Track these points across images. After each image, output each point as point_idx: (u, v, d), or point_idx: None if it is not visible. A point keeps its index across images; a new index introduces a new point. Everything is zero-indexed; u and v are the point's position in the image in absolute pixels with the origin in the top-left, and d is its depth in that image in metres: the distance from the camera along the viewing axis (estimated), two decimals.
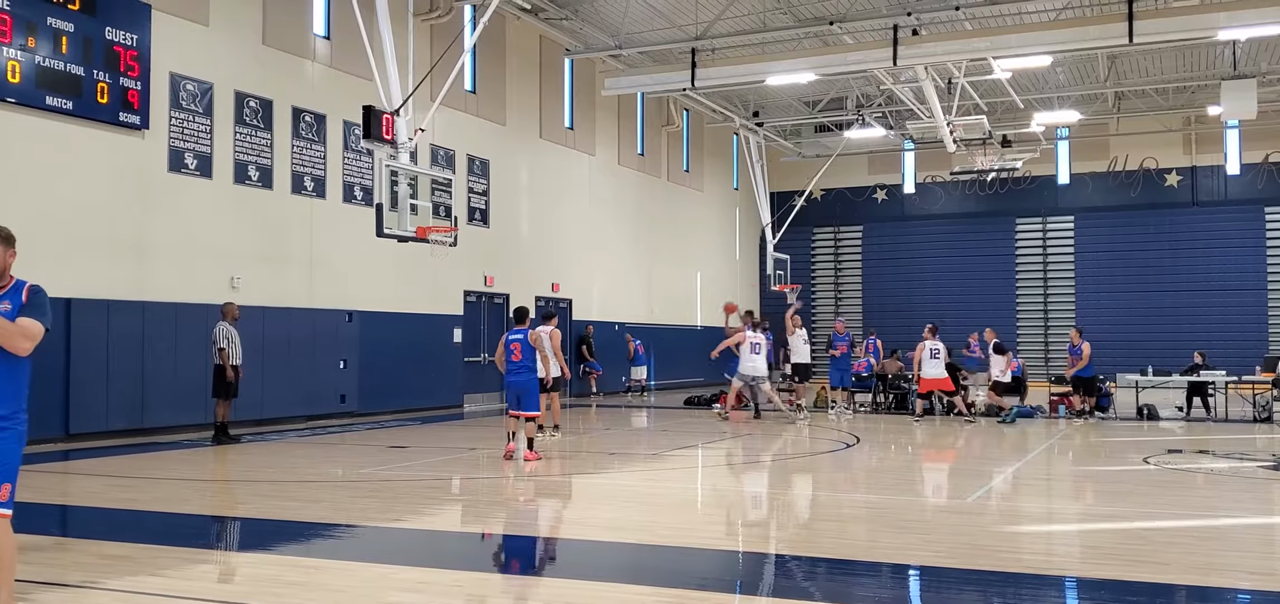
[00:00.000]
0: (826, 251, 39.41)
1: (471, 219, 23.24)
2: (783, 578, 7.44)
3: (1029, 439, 16.78)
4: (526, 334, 13.56)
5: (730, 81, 24.73)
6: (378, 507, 10.08)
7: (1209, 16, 19.11)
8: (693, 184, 34.52)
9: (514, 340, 13.49)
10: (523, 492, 11.44)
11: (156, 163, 16.51)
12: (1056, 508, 10.80)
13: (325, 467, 13.00)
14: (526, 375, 13.39)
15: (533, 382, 13.50)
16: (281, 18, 18.77)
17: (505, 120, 24.70)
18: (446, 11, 21.58)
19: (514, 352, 13.43)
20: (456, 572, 7.35)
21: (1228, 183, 34.34)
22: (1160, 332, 32.32)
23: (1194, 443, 16.15)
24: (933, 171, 36.97)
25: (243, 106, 17.96)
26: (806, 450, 15.38)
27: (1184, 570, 7.27)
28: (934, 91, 24.87)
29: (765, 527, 9.65)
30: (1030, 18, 22.58)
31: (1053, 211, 36.37)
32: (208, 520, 9.57)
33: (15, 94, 14.39)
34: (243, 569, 7.45)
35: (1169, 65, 28.73)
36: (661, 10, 23.71)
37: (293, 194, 18.89)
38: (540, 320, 16.51)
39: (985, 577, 7.12)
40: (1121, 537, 8.53)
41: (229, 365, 15.30)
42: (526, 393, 13.40)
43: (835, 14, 22.44)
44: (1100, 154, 35.42)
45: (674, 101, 31.99)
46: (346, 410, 19.63)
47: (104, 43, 15.50)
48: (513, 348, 13.44)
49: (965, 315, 35.51)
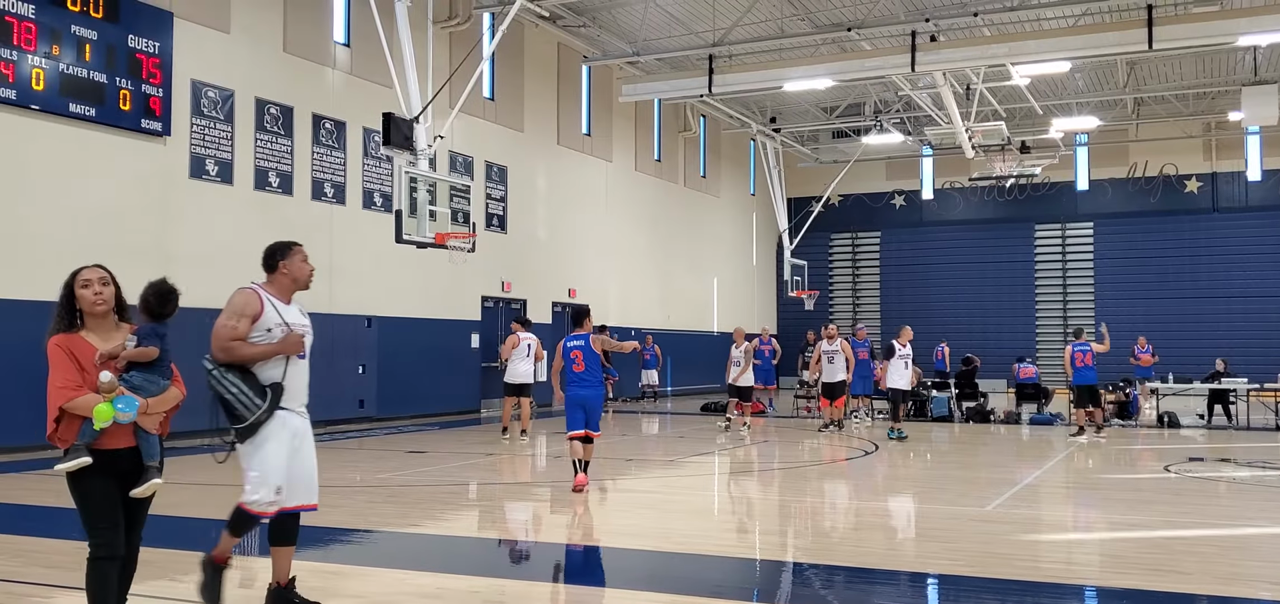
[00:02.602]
0: (844, 257, 39.31)
1: (489, 225, 23.30)
2: (800, 586, 7.43)
3: (1050, 447, 16.69)
4: (588, 339, 11.65)
5: (747, 88, 24.74)
6: (396, 512, 10.11)
7: (1229, 22, 19.00)
8: (710, 190, 34.51)
9: (574, 347, 11.58)
10: (539, 498, 11.45)
11: (178, 169, 16.62)
12: (1076, 516, 10.75)
13: (343, 472, 13.05)
14: (593, 389, 11.58)
15: (599, 396, 11.75)
16: (302, 25, 18.88)
17: (523, 127, 24.76)
18: (465, 19, 21.66)
19: (575, 360, 11.54)
20: (474, 578, 7.37)
21: (1249, 189, 34.09)
22: (1181, 339, 32.07)
23: (1216, 451, 16.04)
24: (951, 177, 36.87)
25: (263, 113, 18.07)
26: (824, 458, 15.35)
27: (1206, 580, 7.22)
28: (952, 97, 24.80)
29: (782, 534, 9.64)
30: (1049, 24, 22.49)
31: (1072, 218, 36.18)
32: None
33: (39, 101, 14.53)
34: (262, 574, 7.48)
35: (1189, 71, 28.57)
36: (679, 17, 23.73)
37: (313, 200, 18.98)
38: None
39: (1004, 586, 7.09)
40: (1142, 545, 8.48)
41: None
42: (594, 410, 11.59)
43: (853, 20, 22.41)
44: (1120, 160, 35.23)
45: (691, 108, 31.99)
46: (365, 415, 19.70)
47: (127, 50, 15.62)
48: (573, 356, 11.56)
49: (984, 322, 35.45)
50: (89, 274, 4.92)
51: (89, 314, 4.90)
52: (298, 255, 5.91)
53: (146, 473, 4.94)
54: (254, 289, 5.77)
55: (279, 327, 5.68)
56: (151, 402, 4.91)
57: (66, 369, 4.74)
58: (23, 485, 11.50)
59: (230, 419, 5.56)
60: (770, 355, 24.53)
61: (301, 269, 5.88)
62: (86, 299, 4.87)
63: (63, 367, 4.74)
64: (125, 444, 4.89)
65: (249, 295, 5.72)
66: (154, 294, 5.16)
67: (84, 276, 4.91)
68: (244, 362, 5.59)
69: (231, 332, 5.58)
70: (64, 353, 4.77)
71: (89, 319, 4.91)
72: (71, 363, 4.75)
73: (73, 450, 4.75)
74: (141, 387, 4.90)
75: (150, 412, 4.90)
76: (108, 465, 4.83)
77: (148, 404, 4.88)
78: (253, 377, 5.59)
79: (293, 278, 5.86)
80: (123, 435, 4.86)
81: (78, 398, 4.71)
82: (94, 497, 4.84)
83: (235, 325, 5.59)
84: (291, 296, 5.89)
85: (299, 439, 5.78)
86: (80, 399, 4.71)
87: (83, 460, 4.73)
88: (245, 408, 5.53)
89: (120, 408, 4.72)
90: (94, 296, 4.88)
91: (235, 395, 5.52)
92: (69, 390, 4.71)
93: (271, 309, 5.71)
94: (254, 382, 5.58)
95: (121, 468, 4.89)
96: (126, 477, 4.91)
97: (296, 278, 5.88)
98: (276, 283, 5.86)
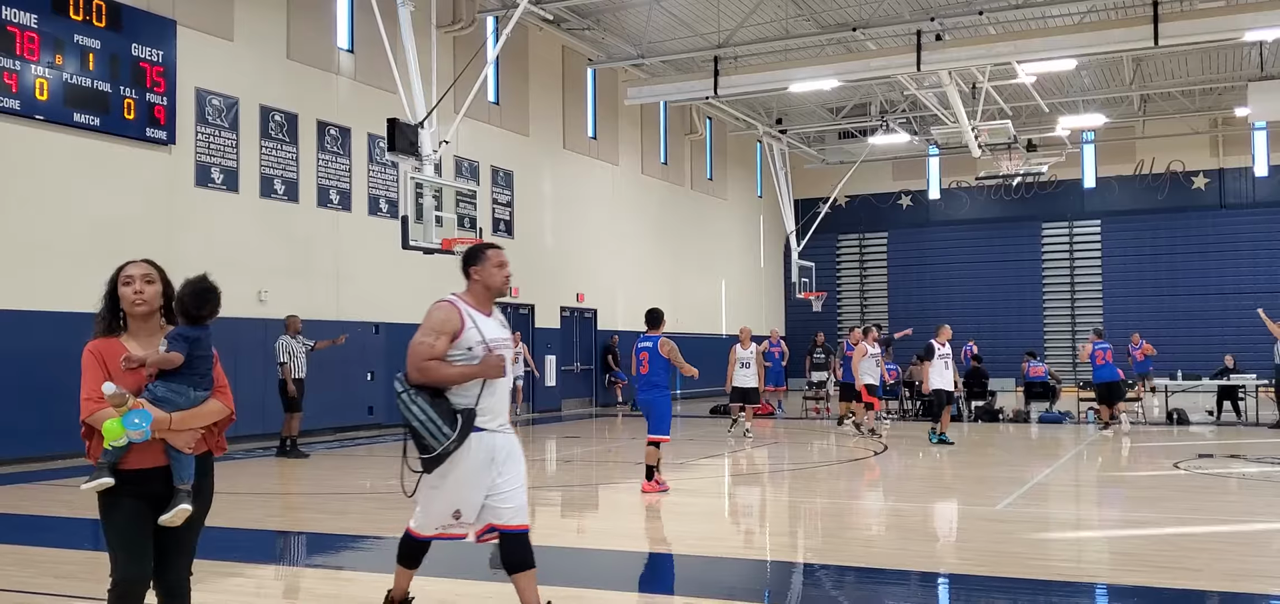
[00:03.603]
0: (851, 258, 39.27)
1: (496, 230, 23.30)
2: (811, 586, 7.41)
3: (1059, 445, 16.65)
4: (656, 342, 11.40)
5: (753, 89, 24.72)
6: (406, 518, 10.09)
7: (1235, 17, 18.93)
8: (716, 192, 34.50)
9: (641, 348, 11.47)
10: (550, 502, 11.44)
11: (183, 178, 16.65)
12: (1086, 514, 10.72)
13: (354, 478, 13.05)
14: (652, 392, 11.33)
15: (660, 400, 11.33)
16: (305, 32, 18.91)
17: (529, 131, 24.77)
18: (469, 23, 21.67)
19: (642, 362, 11.43)
20: (486, 583, 7.36)
21: (1256, 185, 33.99)
22: (1189, 335, 31.97)
23: (1225, 447, 15.99)
24: (958, 177, 36.81)
25: (268, 121, 18.10)
26: (834, 458, 15.32)
27: (1216, 577, 7.19)
28: (958, 96, 24.77)
29: (792, 535, 9.62)
30: (1054, 21, 22.44)
31: (1079, 216, 36.11)
32: (237, 533, 9.62)
33: (44, 111, 14.56)
34: (272, 581, 7.49)
35: (1195, 67, 28.50)
36: (684, 19, 23.73)
37: (318, 207, 19.00)
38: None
39: (1014, 584, 7.07)
40: (1152, 543, 8.45)
41: (290, 379, 15.21)
42: (652, 413, 11.29)
43: (858, 20, 22.39)
44: (1126, 157, 35.15)
45: (697, 110, 31.98)
46: (374, 422, 19.72)
47: (130, 59, 15.65)
48: (641, 358, 11.44)
49: (992, 321, 35.37)
50: (132, 270, 4.37)
51: (130, 315, 4.37)
52: (491, 260, 5.41)
53: (176, 497, 4.30)
54: (454, 302, 5.32)
55: (480, 346, 5.21)
56: (177, 417, 4.28)
57: (94, 378, 4.19)
58: (34, 495, 11.52)
59: (419, 449, 5.14)
60: (779, 358, 24.49)
61: (494, 276, 5.40)
62: (127, 298, 4.33)
63: (91, 375, 4.21)
64: (155, 463, 4.30)
65: (449, 311, 5.26)
66: (190, 293, 4.51)
67: (126, 272, 4.37)
68: (440, 383, 5.15)
69: (428, 351, 5.14)
70: (96, 359, 4.25)
71: (131, 321, 4.38)
72: (102, 371, 4.21)
73: (97, 469, 4.21)
74: (165, 399, 4.29)
75: (176, 428, 4.28)
76: (136, 487, 4.26)
77: (172, 419, 4.26)
78: (443, 401, 5.14)
79: (485, 285, 5.39)
80: (151, 453, 4.27)
81: (97, 412, 4.16)
82: (115, 521, 4.28)
83: (433, 344, 5.15)
84: (490, 306, 5.44)
85: (502, 458, 5.29)
86: (98, 413, 4.16)
87: (103, 482, 4.18)
88: (432, 437, 5.07)
89: (131, 425, 4.10)
90: (134, 296, 4.33)
91: (422, 423, 5.07)
92: (92, 403, 4.17)
93: (472, 326, 5.24)
94: (444, 407, 5.12)
95: (152, 489, 4.30)
96: (160, 500, 4.31)
97: (489, 284, 5.40)
98: (473, 292, 5.41)
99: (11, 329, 14.03)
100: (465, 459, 5.14)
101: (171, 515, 4.25)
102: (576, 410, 26.00)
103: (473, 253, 5.45)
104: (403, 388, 5.15)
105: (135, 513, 4.26)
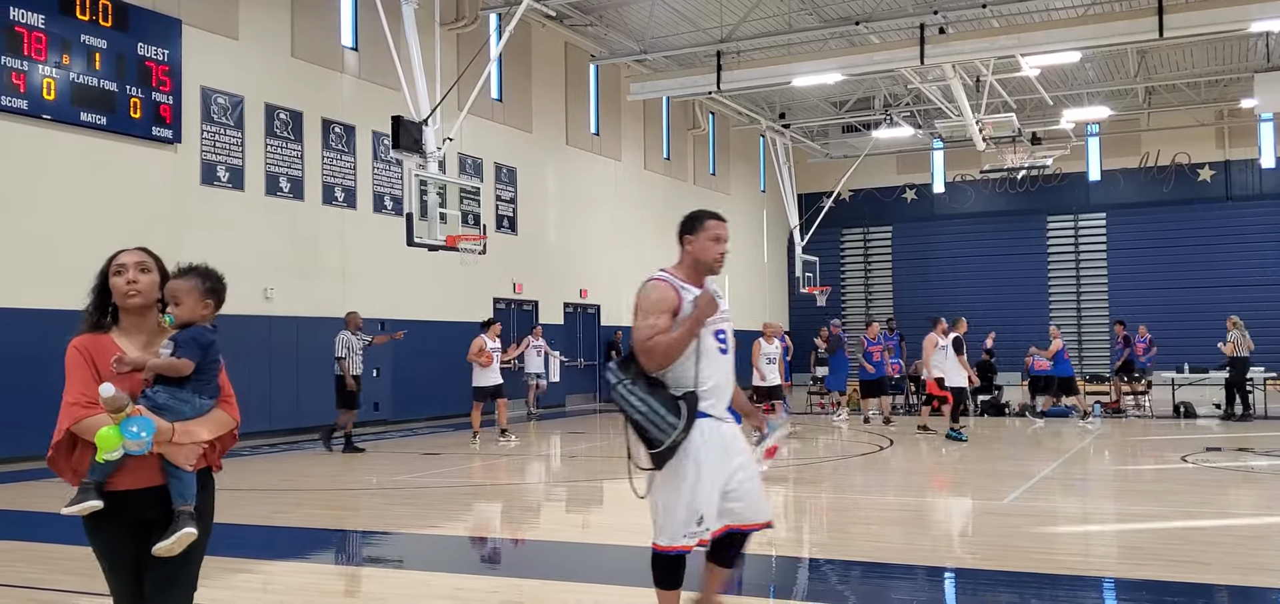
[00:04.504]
0: (856, 253, 39.24)
1: (500, 227, 23.32)
2: (817, 580, 7.41)
3: (1066, 439, 16.63)
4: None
5: (756, 84, 24.70)
6: (413, 514, 10.13)
7: (1241, 8, 18.84)
8: (720, 187, 34.47)
9: None
10: (556, 498, 11.45)
11: (190, 176, 16.68)
12: (1093, 508, 10.70)
13: (360, 474, 13.08)
14: None
15: None
16: (310, 30, 18.92)
17: (532, 128, 24.77)
18: (472, 21, 21.68)
19: None
20: (493, 578, 7.37)
21: (1262, 176, 33.88)
22: (1196, 328, 31.85)
23: (1233, 441, 15.96)
24: (962, 170, 36.72)
25: (273, 119, 18.11)
26: (840, 453, 15.32)
27: (1225, 570, 7.18)
28: (962, 90, 24.73)
29: (798, 530, 9.62)
30: (1058, 14, 22.40)
31: (1084, 209, 36.03)
32: (247, 529, 9.63)
33: (51, 110, 14.59)
34: (280, 577, 7.50)
35: (1200, 59, 28.42)
36: (686, 14, 23.71)
37: (324, 205, 19.02)
38: None
39: (1021, 578, 7.06)
40: (1160, 537, 8.44)
41: (349, 376, 15.18)
42: None
43: (861, 14, 22.37)
44: (1132, 150, 35.06)
45: (700, 105, 31.97)
46: (380, 418, 19.74)
47: (136, 58, 15.68)
48: None
49: (998, 315, 35.30)
50: (125, 258, 3.77)
51: (123, 309, 3.77)
52: (707, 232, 4.84)
53: (176, 521, 3.60)
54: (665, 278, 4.82)
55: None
56: (181, 427, 3.64)
57: (82, 379, 3.56)
58: (44, 492, 11.54)
59: (645, 444, 4.61)
60: (785, 353, 24.44)
61: (707, 249, 4.82)
62: (118, 289, 3.74)
63: (78, 376, 3.58)
64: (147, 482, 3.64)
65: (663, 288, 4.76)
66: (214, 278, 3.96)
67: (119, 260, 3.77)
68: (672, 350, 4.60)
69: (651, 331, 4.60)
70: (83, 358, 3.62)
71: (124, 316, 3.78)
72: (90, 372, 3.58)
73: (82, 489, 3.56)
74: (167, 407, 3.64)
75: (178, 441, 3.62)
76: (121, 510, 3.61)
77: (175, 430, 3.61)
78: (661, 387, 4.63)
79: (695, 257, 4.84)
80: (144, 470, 3.62)
81: (87, 418, 3.50)
82: (104, 551, 3.70)
83: (655, 323, 4.62)
84: (703, 281, 4.86)
85: (734, 448, 4.80)
86: (89, 420, 3.50)
87: (91, 505, 3.54)
88: (657, 429, 4.55)
89: (130, 435, 3.42)
90: (127, 286, 3.73)
91: (644, 414, 4.57)
92: (79, 408, 3.53)
93: (690, 302, 4.71)
94: (663, 393, 4.61)
95: (142, 515, 3.65)
96: (152, 526, 3.63)
97: (699, 257, 4.83)
98: (684, 265, 4.87)
99: (20, 328, 14.06)
100: (701, 449, 4.63)
101: (171, 542, 3.57)
102: (580, 406, 26.02)
103: (691, 220, 4.92)
104: (618, 378, 4.68)
105: (123, 542, 3.67)
